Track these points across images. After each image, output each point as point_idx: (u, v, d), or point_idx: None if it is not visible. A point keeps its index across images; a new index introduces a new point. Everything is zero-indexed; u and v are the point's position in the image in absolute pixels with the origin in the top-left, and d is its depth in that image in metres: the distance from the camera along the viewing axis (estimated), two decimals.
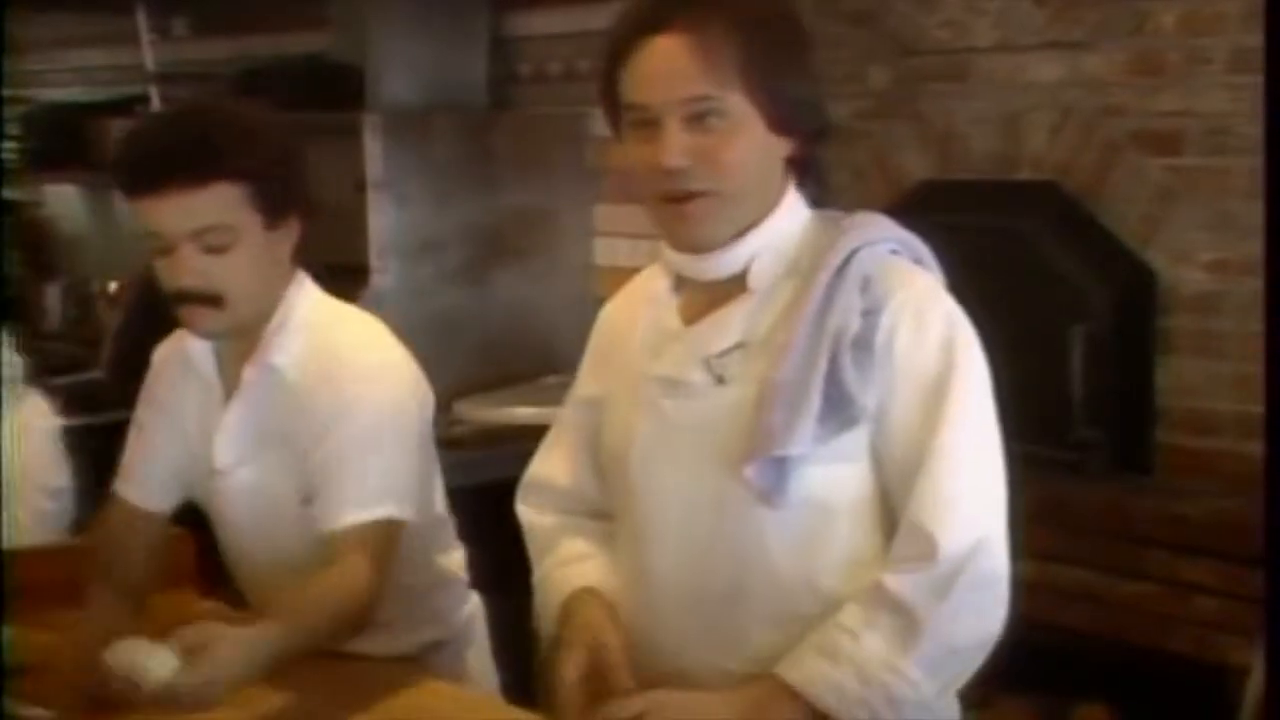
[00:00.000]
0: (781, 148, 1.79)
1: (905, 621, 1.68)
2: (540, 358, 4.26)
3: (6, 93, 5.37)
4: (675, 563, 1.81)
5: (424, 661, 2.31)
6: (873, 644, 1.67)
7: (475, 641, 2.46)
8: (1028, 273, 3.34)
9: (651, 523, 1.83)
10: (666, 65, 1.73)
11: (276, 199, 2.16)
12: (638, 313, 1.94)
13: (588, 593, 1.89)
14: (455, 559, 2.45)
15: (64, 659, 2.04)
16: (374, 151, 3.93)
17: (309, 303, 2.27)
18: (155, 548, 2.36)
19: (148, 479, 2.36)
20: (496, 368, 4.08)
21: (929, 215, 1.86)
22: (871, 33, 3.72)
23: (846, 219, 1.83)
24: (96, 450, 2.48)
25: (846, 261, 1.76)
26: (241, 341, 2.24)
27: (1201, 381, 3.26)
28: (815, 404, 1.70)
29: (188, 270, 2.15)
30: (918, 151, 3.69)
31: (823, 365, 1.71)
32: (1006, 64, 3.52)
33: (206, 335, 2.25)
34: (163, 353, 2.40)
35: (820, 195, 1.86)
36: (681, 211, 1.76)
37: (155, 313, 2.39)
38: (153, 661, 1.87)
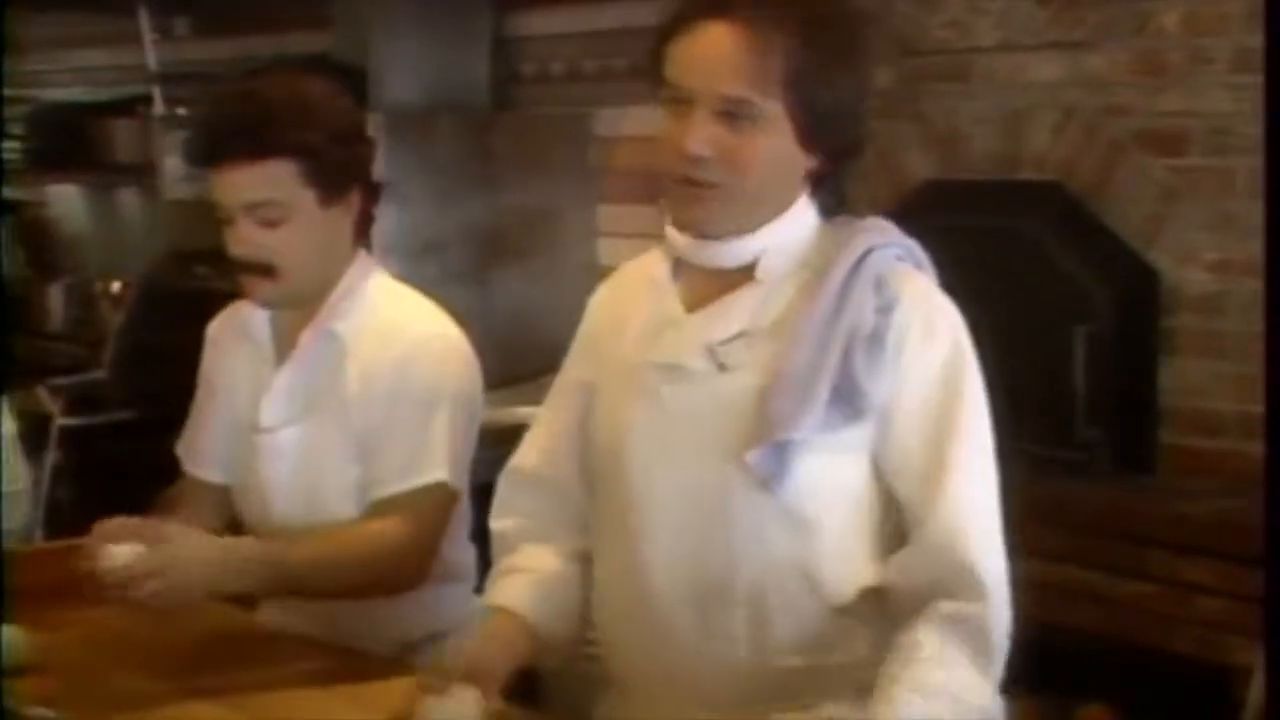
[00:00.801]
0: (805, 161, 1.78)
1: (981, 646, 1.69)
2: (542, 358, 4.22)
3: (9, 92, 5.38)
4: (671, 552, 1.80)
5: (425, 652, 2.31)
6: (960, 674, 1.67)
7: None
8: (1030, 273, 3.34)
9: (647, 512, 1.81)
10: (714, 54, 1.73)
11: (333, 177, 2.22)
12: (632, 298, 1.93)
13: (498, 612, 1.91)
14: (468, 558, 2.44)
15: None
16: (376, 152, 3.93)
17: (372, 280, 2.33)
18: (221, 519, 2.42)
19: (206, 453, 2.43)
20: (499, 368, 4.03)
21: (932, 215, 1.87)
22: (874, 33, 3.72)
23: (858, 221, 1.83)
24: (98, 449, 2.48)
25: (861, 259, 1.76)
26: (299, 312, 2.30)
27: (1204, 381, 3.26)
28: (824, 394, 1.71)
29: (242, 240, 2.22)
30: (920, 151, 3.69)
31: (834, 357, 1.71)
32: (1009, 64, 3.52)
33: (262, 304, 2.32)
34: (215, 327, 2.47)
35: (833, 208, 1.85)
36: (695, 194, 1.75)
37: (157, 313, 2.40)
38: (116, 548, 2.01)
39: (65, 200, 6.02)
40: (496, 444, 2.95)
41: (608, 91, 4.40)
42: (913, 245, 1.84)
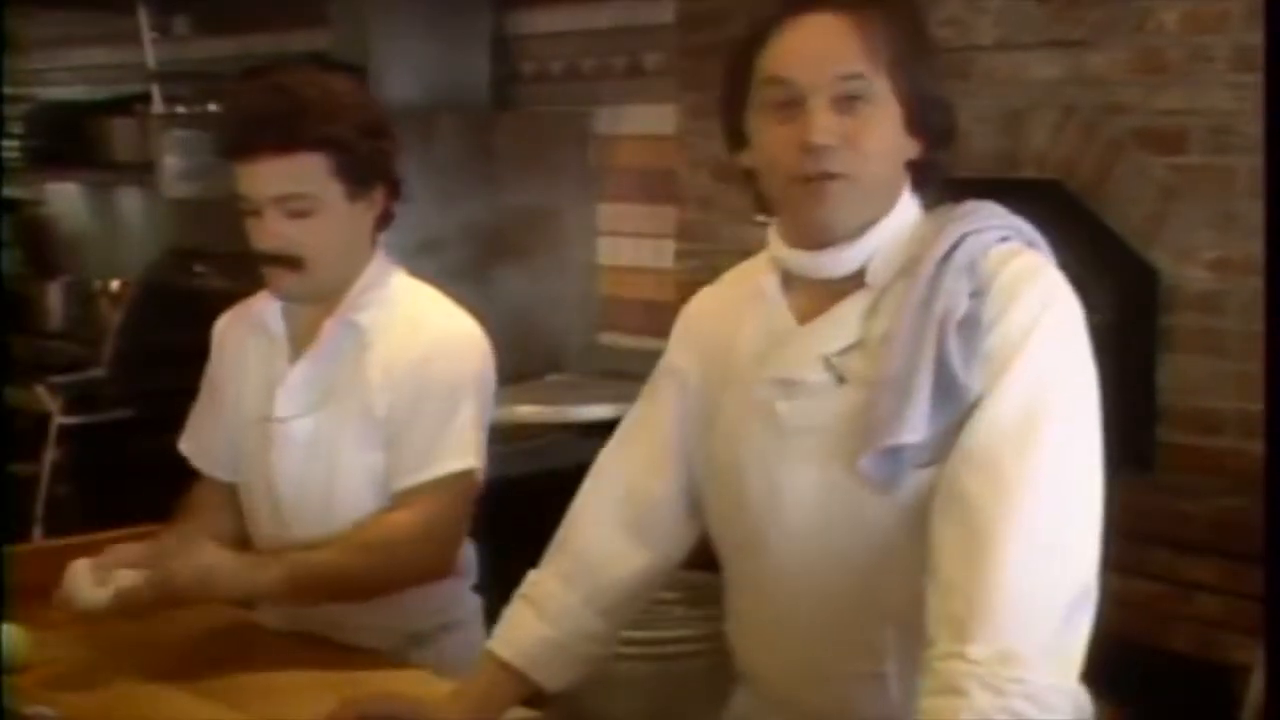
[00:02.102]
0: (910, 149, 1.76)
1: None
2: (543, 357, 4.26)
3: (8, 91, 5.38)
4: (801, 570, 1.75)
5: (429, 644, 2.34)
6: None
7: (475, 635, 2.47)
8: None
9: (775, 528, 1.76)
10: (823, 42, 1.71)
11: (361, 171, 2.26)
12: (739, 310, 1.87)
13: (487, 659, 1.90)
14: (468, 552, 2.45)
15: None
16: None
17: (393, 275, 2.37)
18: (238, 513, 2.44)
19: (215, 451, 2.45)
20: (499, 366, 4.06)
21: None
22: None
23: (955, 209, 1.79)
24: (97, 448, 2.48)
25: (953, 248, 1.71)
26: (316, 307, 2.33)
27: (1204, 380, 3.26)
28: (925, 391, 1.64)
29: (270, 234, 2.24)
30: None
31: (930, 352, 1.65)
32: (1008, 62, 3.52)
33: (286, 297, 2.34)
34: (223, 324, 2.49)
35: (935, 201, 1.82)
36: (821, 190, 1.70)
37: (157, 311, 2.41)
38: (86, 592, 2.07)
39: (64, 199, 6.01)
40: (499, 442, 2.94)
41: (607, 90, 4.40)
42: (1020, 223, 1.79)
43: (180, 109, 4.77)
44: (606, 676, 2.06)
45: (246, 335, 2.42)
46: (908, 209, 1.78)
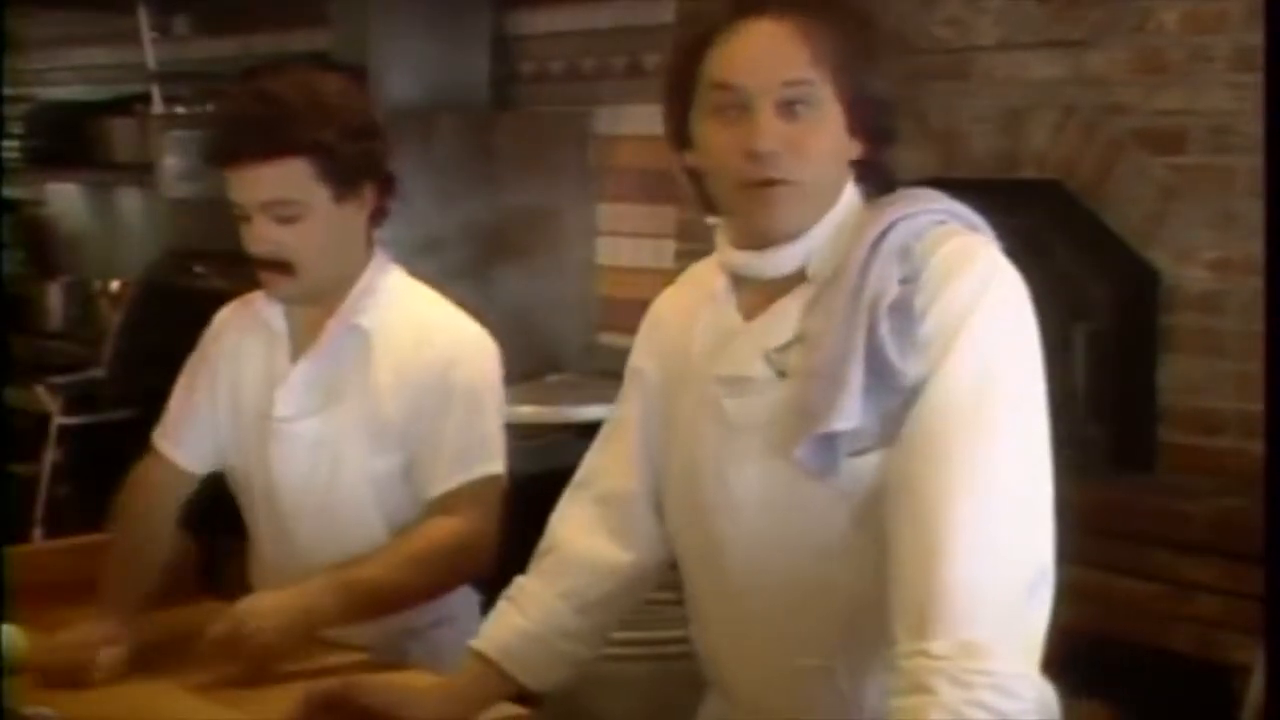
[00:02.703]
0: (853, 149, 1.77)
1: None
2: (543, 357, 4.26)
3: (8, 91, 5.38)
4: (753, 562, 1.76)
5: (423, 639, 2.34)
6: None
7: (470, 630, 2.47)
8: (1029, 271, 3.31)
9: (726, 525, 1.77)
10: (769, 48, 1.71)
11: (347, 174, 2.25)
12: (697, 307, 1.89)
13: (470, 655, 1.91)
14: None
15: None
16: None
17: (393, 276, 2.37)
18: (183, 506, 2.43)
19: (187, 438, 2.43)
20: None
21: None
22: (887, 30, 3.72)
23: (890, 197, 1.79)
24: (97, 448, 2.48)
25: (884, 234, 1.72)
26: (317, 306, 2.33)
27: (1203, 380, 3.26)
28: (857, 378, 1.65)
29: (260, 238, 2.24)
30: (919, 150, 3.69)
31: (861, 339, 1.66)
32: (1008, 62, 3.52)
33: (281, 299, 2.35)
34: (224, 314, 2.48)
35: (879, 194, 1.81)
36: (765, 195, 1.72)
37: (156, 312, 2.40)
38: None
39: (64, 199, 6.01)
40: None
41: (607, 90, 4.40)
42: (959, 207, 1.79)
43: (180, 109, 4.77)
44: (604, 676, 2.06)
45: (247, 330, 2.42)
46: (849, 205, 1.79)
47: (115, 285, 5.21)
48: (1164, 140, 3.28)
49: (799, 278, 1.77)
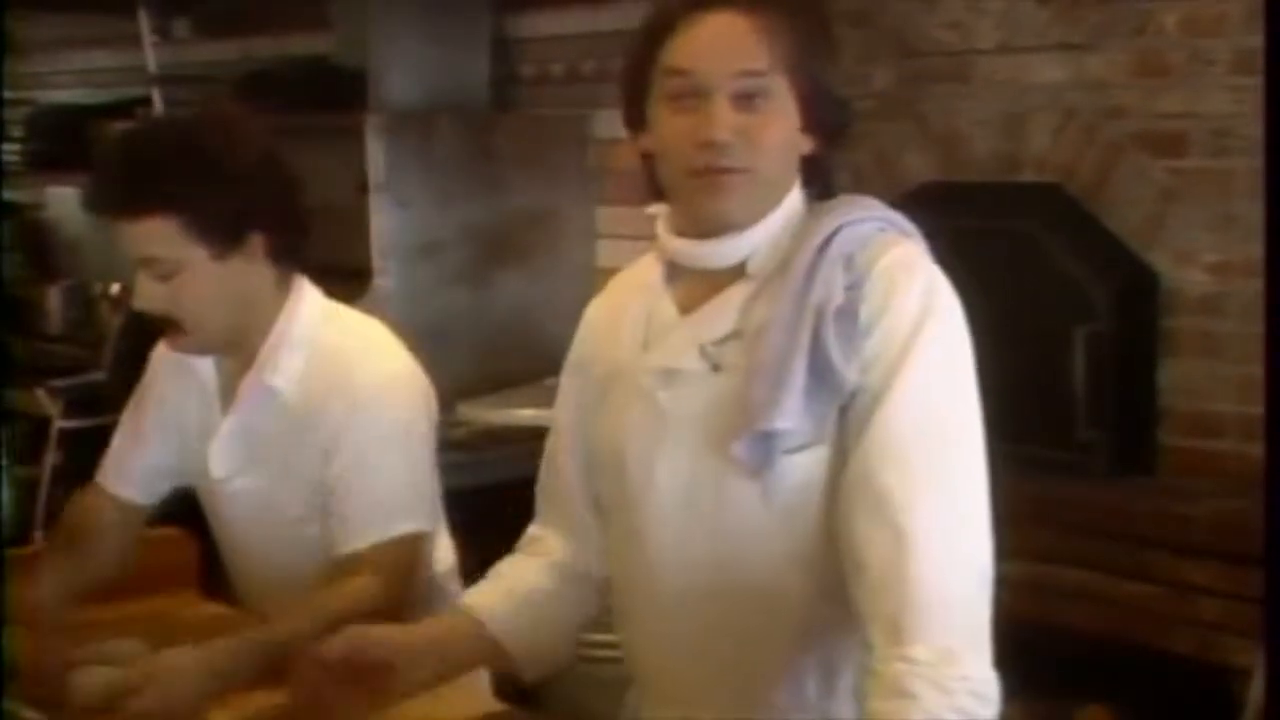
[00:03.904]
0: (804, 144, 1.79)
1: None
2: (542, 359, 4.22)
3: (8, 94, 5.38)
4: (676, 555, 1.79)
5: None
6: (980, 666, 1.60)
7: None
8: (1030, 274, 3.34)
9: (650, 516, 1.80)
10: (726, 38, 1.73)
11: (223, 229, 2.11)
12: (626, 304, 1.92)
13: (455, 612, 1.94)
14: (445, 562, 2.43)
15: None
16: (376, 153, 3.93)
17: (308, 316, 2.24)
18: (129, 540, 2.38)
19: (132, 472, 2.38)
20: (498, 369, 4.07)
21: (931, 217, 1.86)
22: (873, 33, 3.72)
23: (832, 203, 1.82)
24: (97, 451, 2.48)
25: (829, 240, 1.75)
26: (239, 354, 2.24)
27: (1203, 383, 3.26)
28: (800, 378, 1.68)
29: (141, 294, 2.16)
30: (920, 153, 3.69)
31: (805, 340, 1.69)
32: (1009, 65, 3.52)
33: (183, 352, 2.25)
34: (162, 349, 2.37)
35: (823, 195, 1.85)
36: (716, 183, 1.74)
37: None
38: (96, 669, 1.96)
39: (65, 202, 6.00)
40: (498, 445, 2.97)
41: (607, 93, 4.39)
42: (895, 216, 1.81)
43: (180, 112, 4.77)
44: (604, 677, 2.06)
45: (179, 375, 2.33)
46: (792, 205, 1.81)
47: (115, 289, 5.20)
48: (1164, 143, 3.28)
49: (738, 272, 1.80)
